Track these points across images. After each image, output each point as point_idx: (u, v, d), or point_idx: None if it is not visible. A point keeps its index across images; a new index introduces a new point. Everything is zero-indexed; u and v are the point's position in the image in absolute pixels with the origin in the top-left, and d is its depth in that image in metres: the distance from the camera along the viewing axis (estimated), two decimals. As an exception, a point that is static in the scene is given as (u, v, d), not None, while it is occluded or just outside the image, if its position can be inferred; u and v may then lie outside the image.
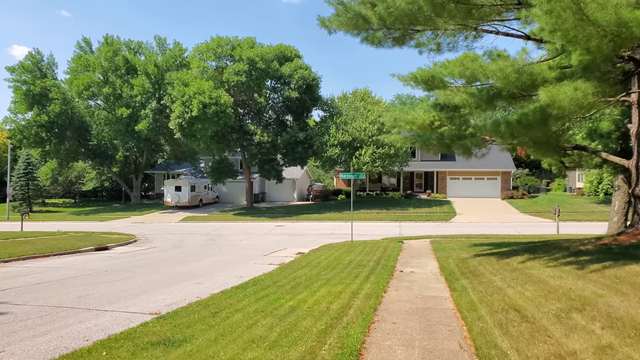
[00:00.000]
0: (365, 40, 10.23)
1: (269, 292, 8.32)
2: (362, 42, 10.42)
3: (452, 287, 8.25)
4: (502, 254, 11.33)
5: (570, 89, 5.73)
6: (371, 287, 8.46)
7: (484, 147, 11.05)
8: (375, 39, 9.92)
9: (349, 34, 10.72)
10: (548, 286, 6.72)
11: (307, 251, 15.72)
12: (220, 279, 10.65)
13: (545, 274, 7.59)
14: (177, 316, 6.63)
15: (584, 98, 5.73)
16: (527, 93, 7.13)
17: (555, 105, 5.98)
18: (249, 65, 33.30)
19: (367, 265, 11.65)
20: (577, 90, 5.72)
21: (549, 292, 6.38)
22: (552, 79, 6.40)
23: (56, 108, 39.08)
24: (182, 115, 31.47)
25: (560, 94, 5.79)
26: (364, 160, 33.06)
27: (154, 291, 9.13)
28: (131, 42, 44.06)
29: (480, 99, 7.41)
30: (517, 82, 6.63)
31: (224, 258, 14.77)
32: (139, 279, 10.67)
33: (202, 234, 23.79)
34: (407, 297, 7.66)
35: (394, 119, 12.74)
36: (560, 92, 5.79)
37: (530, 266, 8.69)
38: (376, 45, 10.40)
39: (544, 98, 5.99)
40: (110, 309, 7.43)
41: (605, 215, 29.20)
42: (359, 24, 10.04)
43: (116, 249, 18.19)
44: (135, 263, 13.66)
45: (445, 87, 11.13)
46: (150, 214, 37.49)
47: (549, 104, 6.05)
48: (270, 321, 6.16)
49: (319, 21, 10.94)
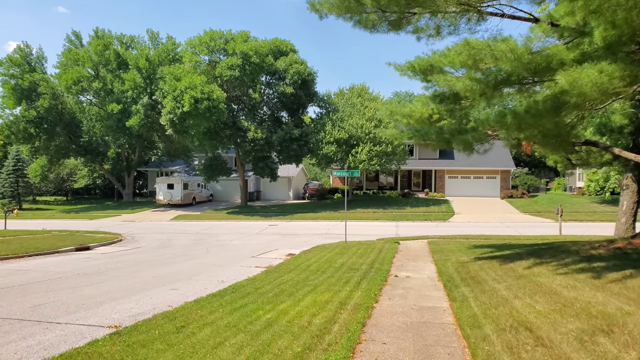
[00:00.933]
0: (358, 24, 9.34)
1: (248, 301, 7.46)
2: (355, 26, 9.53)
3: (451, 296, 7.40)
4: (505, 258, 10.50)
5: (594, 72, 4.89)
6: (362, 295, 7.60)
7: (486, 142, 10.19)
8: (368, 22, 9.04)
9: (341, 17, 9.84)
10: (562, 298, 5.87)
11: (298, 252, 14.87)
12: (199, 284, 9.79)
13: (557, 283, 6.75)
14: (136, 331, 5.76)
15: (610, 83, 4.90)
16: (540, 78, 6.29)
17: (575, 91, 5.14)
18: (242, 59, 32.36)
19: (360, 269, 10.80)
20: (603, 73, 4.87)
21: (564, 305, 5.54)
22: (570, 61, 5.56)
23: (45, 103, 38.03)
24: (173, 110, 30.52)
25: (582, 77, 4.94)
26: (360, 158, 32.18)
27: (123, 298, 8.26)
28: (123, 36, 43.00)
29: (485, 85, 6.55)
30: (530, 65, 5.78)
31: (209, 260, 13.90)
32: (111, 283, 9.80)
33: (191, 233, 22.90)
34: (401, 308, 6.80)
35: (390, 112, 11.88)
36: (583, 76, 4.94)
37: (538, 273, 7.84)
38: (370, 30, 9.51)
39: (562, 82, 5.14)
40: (65, 321, 6.55)
41: (608, 215, 28.46)
42: (351, 7, 9.15)
43: (98, 249, 17.30)
44: (112, 265, 12.77)
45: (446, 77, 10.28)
46: (142, 212, 36.57)
47: (567, 90, 5.21)
48: (241, 339, 5.30)
49: (309, 5, 10.06)
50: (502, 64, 5.99)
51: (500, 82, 6.44)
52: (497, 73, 6.26)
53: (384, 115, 12.01)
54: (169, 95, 31.06)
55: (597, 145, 10.20)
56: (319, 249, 15.17)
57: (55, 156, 42.60)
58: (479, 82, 6.60)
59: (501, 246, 13.87)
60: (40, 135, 39.25)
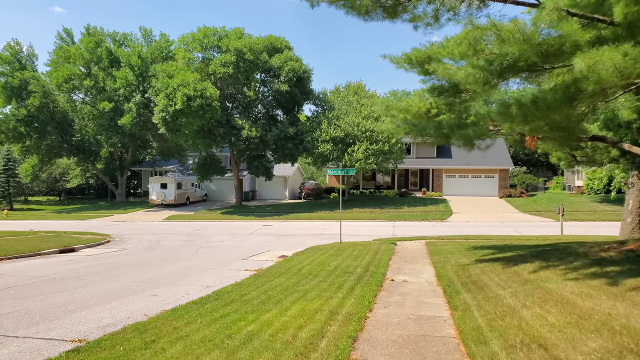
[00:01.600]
0: (351, 10, 8.71)
1: (230, 310, 6.82)
2: (348, 13, 8.90)
3: (452, 304, 6.79)
4: (508, 260, 9.90)
5: (618, 55, 4.27)
6: (355, 303, 6.98)
7: (488, 137, 9.59)
8: (362, 8, 8.41)
9: (333, 5, 9.23)
10: (577, 309, 5.26)
11: (290, 254, 14.24)
12: (182, 289, 9.15)
13: (568, 290, 6.14)
14: (98, 348, 5.12)
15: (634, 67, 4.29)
16: (551, 63, 5.67)
17: (593, 77, 4.54)
18: (236, 56, 31.69)
19: (354, 272, 10.18)
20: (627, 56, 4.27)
21: (580, 317, 4.93)
22: (586, 44, 4.95)
23: (35, 101, 37.20)
24: (165, 108, 29.82)
25: (603, 60, 4.32)
26: (357, 157, 31.55)
27: (97, 306, 7.61)
28: (116, 34, 42.24)
29: (489, 73, 5.94)
30: (541, 47, 5.17)
31: (197, 262, 13.25)
32: (87, 289, 9.14)
33: (183, 234, 22.23)
34: (397, 317, 6.18)
35: (386, 106, 11.27)
36: (604, 59, 4.32)
37: (546, 278, 7.24)
38: (364, 17, 8.89)
39: (580, 66, 4.53)
40: (24, 335, 5.90)
41: (609, 214, 27.94)
42: (344, -9, 8.55)
43: (84, 250, 16.61)
44: (94, 268, 12.10)
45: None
46: (135, 212, 35.85)
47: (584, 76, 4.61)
48: (216, 357, 4.66)
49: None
50: (509, 47, 5.38)
51: (506, 69, 5.83)
52: (502, 58, 5.65)
53: (380, 110, 11.41)
54: (161, 93, 30.36)
55: (605, 141, 9.61)
56: (312, 251, 14.54)
57: (47, 156, 41.79)
58: (483, 69, 5.98)
59: (502, 247, 13.27)
60: (31, 134, 38.44)
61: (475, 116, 9.65)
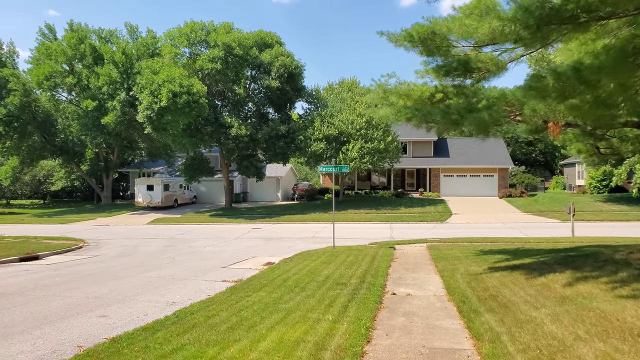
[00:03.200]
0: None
1: (187, 341, 5.26)
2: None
3: (473, 330, 5.27)
4: (529, 269, 8.40)
5: None
6: (348, 330, 5.45)
7: (504, 122, 8.11)
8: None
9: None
10: (658, 345, 3.77)
11: (277, 261, 12.69)
12: (140, 307, 7.57)
13: (631, 313, 4.64)
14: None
15: None
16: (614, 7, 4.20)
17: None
18: (225, 51, 30.12)
19: (349, 283, 8.66)
20: None
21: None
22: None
23: (15, 100, 35.33)
24: (150, 106, 28.20)
25: None
26: (351, 156, 30.03)
27: (20, 334, 6.03)
28: (102, 31, 40.48)
29: (524, 27, 4.45)
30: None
31: (171, 271, 11.66)
32: (22, 309, 7.53)
33: (164, 238, 20.61)
34: (405, 353, 4.65)
35: (383, 91, 9.78)
36: None
37: (589, 294, 5.74)
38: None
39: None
40: None
41: (616, 214, 26.65)
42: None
43: (49, 258, 14.97)
44: (47, 280, 10.49)
45: (450, 50, 8.22)
46: (120, 215, 34.15)
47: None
48: None
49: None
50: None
51: (548, 19, 4.36)
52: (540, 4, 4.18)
53: (376, 96, 9.93)
54: (145, 90, 28.75)
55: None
56: (302, 257, 12.98)
57: (28, 157, 39.85)
58: (514, 21, 4.50)
59: (515, 252, 11.79)
60: (10, 135, 36.58)
61: (487, 100, 8.17)
